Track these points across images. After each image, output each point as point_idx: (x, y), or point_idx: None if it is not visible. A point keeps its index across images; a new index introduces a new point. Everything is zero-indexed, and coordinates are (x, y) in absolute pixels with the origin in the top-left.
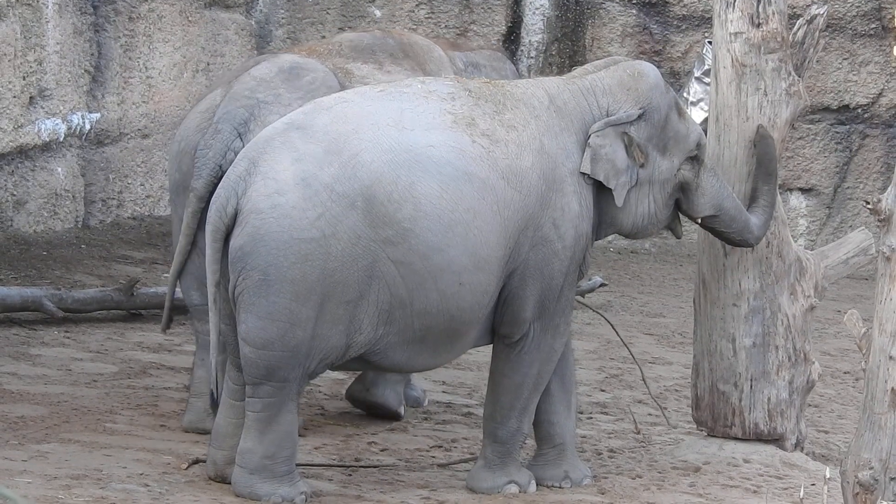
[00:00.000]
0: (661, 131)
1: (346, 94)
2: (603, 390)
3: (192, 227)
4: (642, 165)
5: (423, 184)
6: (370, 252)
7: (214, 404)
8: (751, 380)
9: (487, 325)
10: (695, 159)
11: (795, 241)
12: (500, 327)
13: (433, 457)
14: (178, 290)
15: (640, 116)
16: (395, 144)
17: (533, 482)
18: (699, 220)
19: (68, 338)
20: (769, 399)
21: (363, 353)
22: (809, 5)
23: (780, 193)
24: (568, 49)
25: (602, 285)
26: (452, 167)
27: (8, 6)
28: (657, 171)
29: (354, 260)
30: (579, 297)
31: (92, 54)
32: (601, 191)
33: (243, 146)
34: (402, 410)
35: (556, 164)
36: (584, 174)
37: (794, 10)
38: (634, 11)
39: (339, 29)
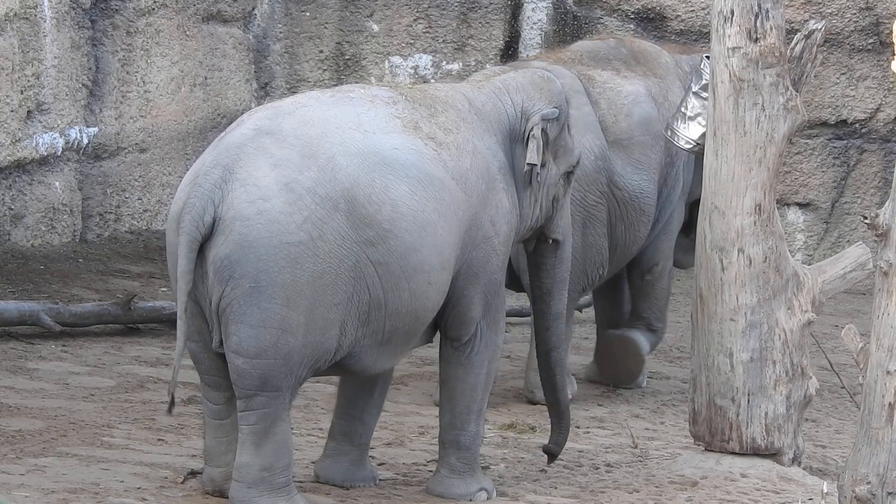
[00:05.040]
0: (559, 137)
1: (300, 98)
2: (600, 405)
3: None
4: (543, 165)
5: (397, 186)
6: (353, 253)
7: (170, 407)
8: (748, 394)
9: (430, 326)
10: (569, 176)
11: (793, 256)
12: (449, 330)
13: (430, 471)
14: (173, 303)
15: (557, 116)
16: (363, 147)
17: (494, 488)
18: (549, 241)
19: (66, 352)
20: (766, 414)
21: (343, 356)
22: (807, 20)
23: (778, 208)
24: None
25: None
26: (417, 169)
27: (6, 20)
28: (549, 175)
29: (341, 261)
30: None
31: (90, 68)
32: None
33: None
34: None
35: (487, 163)
36: (531, 165)
37: (792, 25)
38: (632, 26)
39: (337, 44)
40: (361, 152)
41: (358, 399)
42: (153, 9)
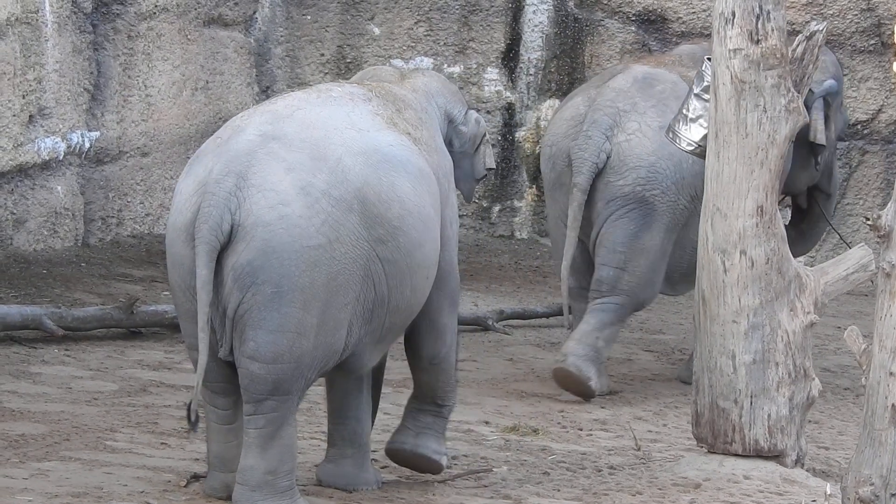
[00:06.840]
0: None
1: (289, 101)
2: (603, 407)
3: (578, 218)
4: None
5: (401, 183)
6: (365, 252)
7: (193, 425)
8: (751, 396)
9: None
10: None
11: (795, 258)
12: (423, 347)
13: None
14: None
15: None
16: (364, 146)
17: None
18: None
19: (68, 356)
20: (769, 415)
21: (347, 356)
22: (809, 22)
23: (781, 210)
24: (567, 66)
25: None
26: (413, 165)
27: (7, 25)
28: None
29: (354, 261)
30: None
31: (91, 73)
32: None
33: (611, 147)
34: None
35: (446, 162)
36: (490, 169)
37: (794, 26)
38: (633, 28)
39: (338, 47)
40: (364, 151)
41: (350, 400)
42: (154, 13)
